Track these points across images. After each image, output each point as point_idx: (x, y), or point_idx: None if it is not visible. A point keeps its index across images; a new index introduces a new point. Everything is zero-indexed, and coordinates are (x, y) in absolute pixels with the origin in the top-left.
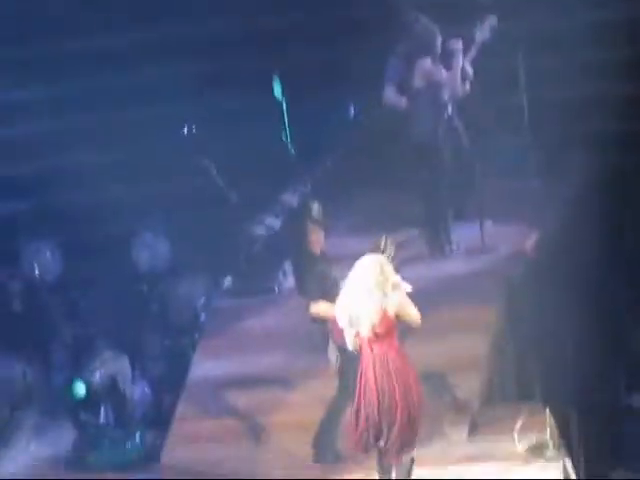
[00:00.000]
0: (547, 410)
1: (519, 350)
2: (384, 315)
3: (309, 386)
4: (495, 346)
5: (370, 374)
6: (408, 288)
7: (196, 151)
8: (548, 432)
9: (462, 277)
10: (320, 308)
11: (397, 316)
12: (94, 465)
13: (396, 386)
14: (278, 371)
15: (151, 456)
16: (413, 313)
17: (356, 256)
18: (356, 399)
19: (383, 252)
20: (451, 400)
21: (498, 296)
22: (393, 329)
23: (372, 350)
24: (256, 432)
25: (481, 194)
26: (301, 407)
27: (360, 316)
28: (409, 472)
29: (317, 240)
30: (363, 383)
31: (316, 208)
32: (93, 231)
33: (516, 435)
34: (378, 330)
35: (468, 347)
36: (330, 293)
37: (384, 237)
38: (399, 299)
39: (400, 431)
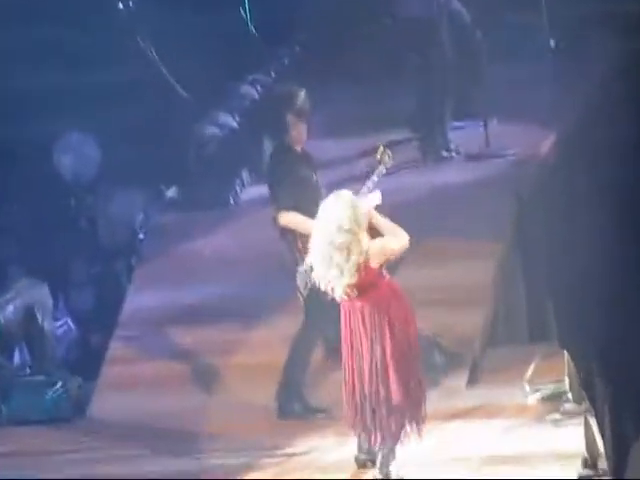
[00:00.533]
0: (565, 354)
1: (531, 280)
2: (363, 269)
3: (274, 321)
4: (501, 274)
5: (359, 329)
6: (377, 199)
7: (134, 32)
8: (566, 381)
9: (461, 188)
10: (292, 219)
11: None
12: (6, 419)
13: (389, 348)
14: (234, 303)
15: (77, 407)
16: (398, 244)
17: (337, 162)
18: (344, 355)
19: (380, 163)
20: (446, 342)
21: (504, 212)
22: (379, 277)
23: (358, 301)
24: (206, 378)
25: (486, 85)
26: (264, 347)
27: (331, 279)
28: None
29: (299, 136)
30: (349, 338)
31: (302, 97)
32: (3, 133)
33: (527, 384)
34: (358, 288)
35: (468, 275)
36: (308, 202)
37: (381, 146)
38: (379, 245)
39: (396, 405)
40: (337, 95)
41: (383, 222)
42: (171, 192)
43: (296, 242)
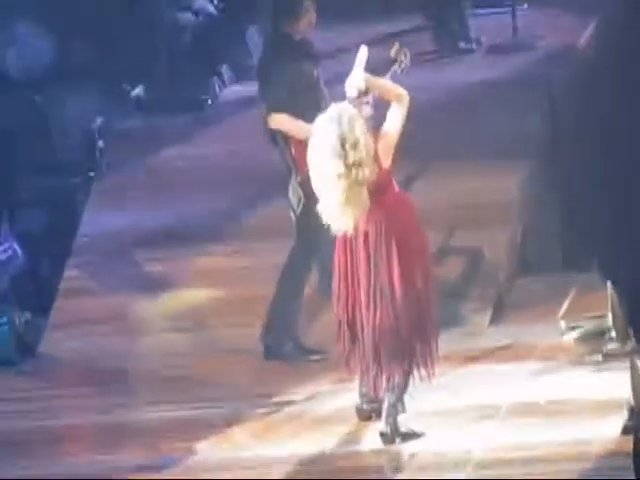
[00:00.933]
0: (608, 285)
1: (565, 199)
2: (374, 175)
3: (261, 246)
4: (530, 192)
5: (359, 246)
6: (363, 54)
7: None
8: (609, 317)
9: (483, 85)
10: (286, 121)
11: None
12: None
13: (396, 270)
14: (214, 224)
15: (24, 347)
16: (400, 116)
17: (339, 55)
18: (335, 284)
19: (395, 61)
20: (469, 271)
21: (534, 115)
22: (390, 182)
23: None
24: (180, 314)
25: None
26: (247, 277)
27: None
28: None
29: (309, 21)
30: (345, 257)
31: None
32: None
33: (562, 321)
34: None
35: (490, 191)
36: (307, 103)
37: (396, 44)
38: (383, 142)
39: (404, 340)
40: None
41: (381, 83)
42: (137, 91)
43: (289, 149)
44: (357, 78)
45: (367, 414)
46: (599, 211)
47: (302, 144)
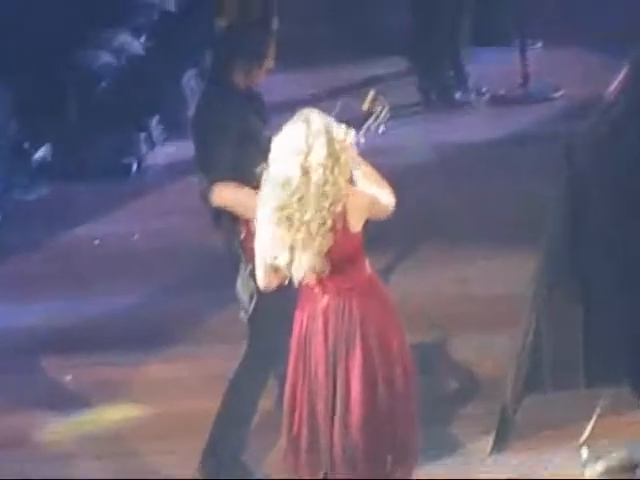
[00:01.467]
0: None
1: (588, 294)
2: (339, 231)
3: (198, 352)
4: (543, 282)
5: (317, 342)
6: (350, 136)
7: None
8: None
9: (484, 147)
10: (233, 195)
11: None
12: None
13: (357, 382)
14: (138, 325)
15: None
16: (387, 202)
17: (298, 106)
18: (288, 389)
19: (370, 115)
20: (468, 384)
21: (548, 186)
22: (358, 253)
23: (322, 295)
24: (95, 443)
25: None
26: (183, 390)
27: (290, 246)
28: None
29: (266, 71)
30: (302, 358)
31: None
32: None
33: (583, 449)
34: (331, 261)
35: (493, 283)
36: (252, 168)
37: (371, 93)
38: (364, 193)
39: (368, 454)
40: (297, 8)
41: (365, 168)
42: (41, 153)
43: (238, 231)
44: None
45: None
46: (631, 308)
47: (252, 223)
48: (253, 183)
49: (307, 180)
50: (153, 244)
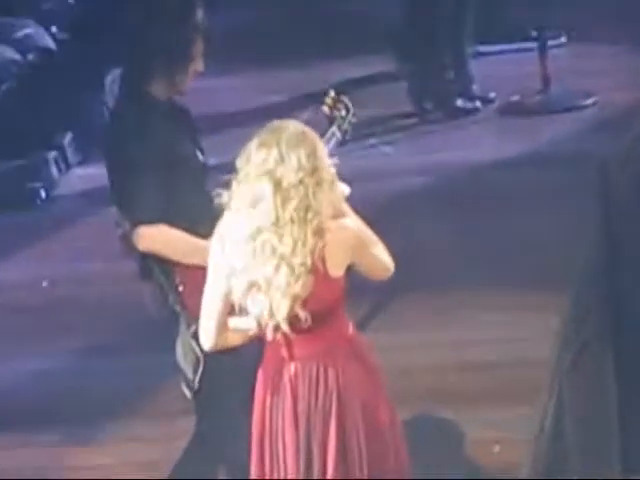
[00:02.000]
0: None
1: (626, 360)
2: (318, 271)
3: (127, 448)
4: (570, 343)
5: (285, 417)
6: (345, 190)
7: None
8: None
9: (494, 168)
10: (162, 238)
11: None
12: None
13: (340, 447)
14: (53, 402)
15: None
16: (381, 261)
17: (244, 120)
18: (253, 469)
19: (332, 123)
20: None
21: (576, 216)
22: (338, 306)
23: (289, 360)
24: None
25: None
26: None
27: (257, 285)
28: None
29: (193, 73)
30: (267, 445)
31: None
32: None
33: None
34: (301, 318)
35: (506, 345)
36: (189, 205)
37: (331, 93)
38: (354, 228)
39: None
40: None
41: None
42: None
43: (172, 283)
44: None
45: None
46: None
47: (194, 273)
48: (187, 222)
49: (282, 201)
50: (66, 293)
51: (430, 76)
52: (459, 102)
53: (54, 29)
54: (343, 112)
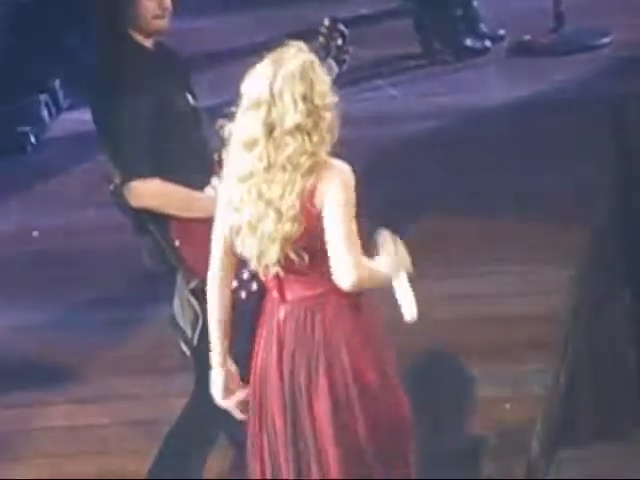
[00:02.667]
0: None
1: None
2: (307, 215)
3: (116, 394)
4: (581, 302)
5: (272, 376)
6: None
7: None
8: None
9: (504, 111)
10: (158, 191)
11: None
12: None
13: (331, 402)
14: (42, 342)
15: None
16: (345, 246)
17: (235, 61)
18: (249, 445)
19: (328, 51)
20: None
21: (591, 160)
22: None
23: (279, 304)
24: None
25: None
26: (103, 439)
27: (249, 225)
28: None
29: (157, 10)
30: (258, 401)
31: None
32: None
33: None
34: (294, 260)
35: (521, 295)
36: (183, 155)
37: (326, 21)
38: (340, 175)
39: None
40: None
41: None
42: None
43: (169, 238)
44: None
45: None
46: None
47: (191, 226)
48: (182, 171)
49: (275, 147)
50: (58, 245)
51: (437, 13)
52: (468, 41)
53: None
54: (339, 41)
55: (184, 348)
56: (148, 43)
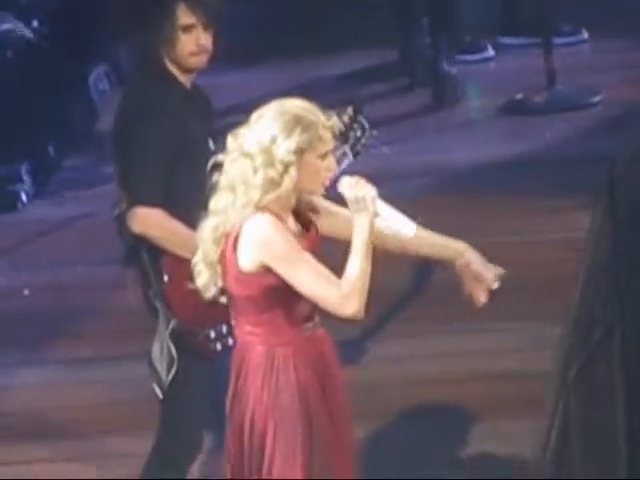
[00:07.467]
0: None
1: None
2: (228, 265)
3: (108, 462)
4: (569, 360)
5: (244, 386)
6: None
7: None
8: None
9: (490, 172)
10: (158, 224)
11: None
12: None
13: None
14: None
15: None
16: (312, 289)
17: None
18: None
19: (347, 136)
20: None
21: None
22: (255, 305)
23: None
24: None
25: None
26: None
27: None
28: None
29: (196, 57)
30: (235, 421)
31: None
32: None
33: None
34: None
35: (497, 359)
36: (196, 192)
37: (349, 108)
38: (257, 230)
39: None
40: None
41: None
42: None
43: (159, 273)
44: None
45: None
46: None
47: (183, 266)
48: (184, 213)
49: (230, 163)
50: (50, 303)
51: (420, 42)
52: (444, 65)
53: (35, 23)
54: (358, 133)
55: (157, 390)
56: (184, 79)
